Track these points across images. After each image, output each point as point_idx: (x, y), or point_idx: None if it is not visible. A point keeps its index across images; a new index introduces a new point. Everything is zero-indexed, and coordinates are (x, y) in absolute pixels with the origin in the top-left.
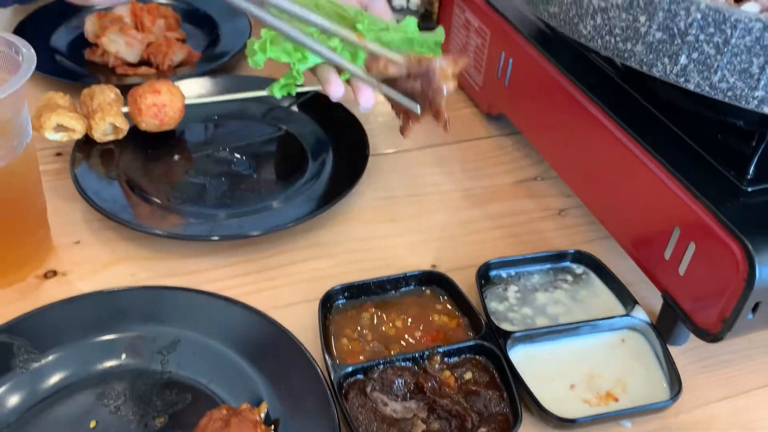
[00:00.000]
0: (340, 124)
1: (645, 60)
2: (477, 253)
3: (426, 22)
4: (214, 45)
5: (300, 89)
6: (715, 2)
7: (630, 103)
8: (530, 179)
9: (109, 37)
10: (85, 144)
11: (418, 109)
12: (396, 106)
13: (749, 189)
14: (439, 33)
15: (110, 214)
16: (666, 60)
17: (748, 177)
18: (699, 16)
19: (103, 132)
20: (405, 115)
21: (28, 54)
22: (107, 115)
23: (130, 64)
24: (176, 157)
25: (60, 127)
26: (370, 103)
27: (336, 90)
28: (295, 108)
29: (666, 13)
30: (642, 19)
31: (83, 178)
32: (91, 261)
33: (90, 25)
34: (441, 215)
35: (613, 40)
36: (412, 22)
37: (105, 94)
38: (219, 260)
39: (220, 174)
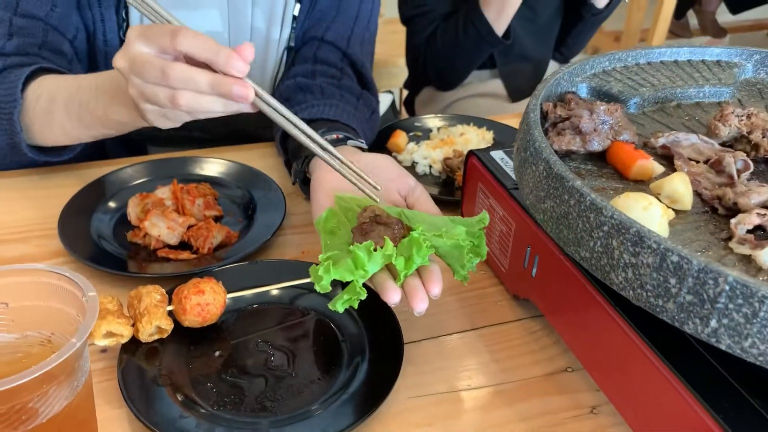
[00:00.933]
0: (371, 309)
1: (677, 318)
2: None
3: (447, 190)
4: (250, 219)
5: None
6: (743, 276)
7: (659, 324)
8: (560, 371)
9: (151, 221)
10: (131, 344)
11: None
12: None
13: None
14: (483, 217)
15: (157, 430)
16: (697, 321)
17: None
18: (727, 287)
19: (149, 334)
20: None
21: (91, 297)
22: (153, 318)
23: (170, 247)
24: (217, 353)
25: (109, 333)
26: (424, 307)
27: (393, 297)
28: (327, 294)
29: (695, 280)
30: (672, 281)
31: (129, 384)
32: None
33: (132, 208)
34: (474, 416)
35: (645, 294)
36: (461, 231)
37: (151, 296)
38: None
39: (258, 373)
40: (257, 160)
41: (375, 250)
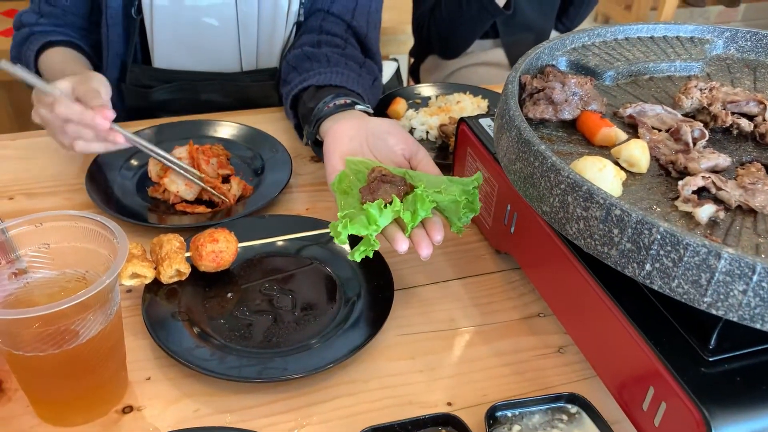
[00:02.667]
0: (366, 259)
1: (619, 262)
2: (486, 390)
3: (442, 155)
4: (259, 178)
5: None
6: (672, 227)
7: (614, 274)
8: (534, 315)
9: (170, 178)
10: (153, 285)
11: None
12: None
13: (710, 359)
14: (477, 177)
15: (177, 357)
16: (635, 265)
17: (710, 347)
18: (659, 236)
19: (169, 276)
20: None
21: (121, 239)
22: (174, 262)
23: (187, 202)
24: (229, 294)
25: (134, 275)
26: (429, 253)
27: (402, 245)
28: (328, 246)
29: (633, 230)
30: (615, 231)
31: (152, 319)
32: (161, 397)
33: (153, 166)
34: (453, 352)
35: (593, 243)
36: (458, 189)
37: (171, 243)
38: (267, 397)
39: (265, 311)
40: (265, 123)
41: (385, 206)
